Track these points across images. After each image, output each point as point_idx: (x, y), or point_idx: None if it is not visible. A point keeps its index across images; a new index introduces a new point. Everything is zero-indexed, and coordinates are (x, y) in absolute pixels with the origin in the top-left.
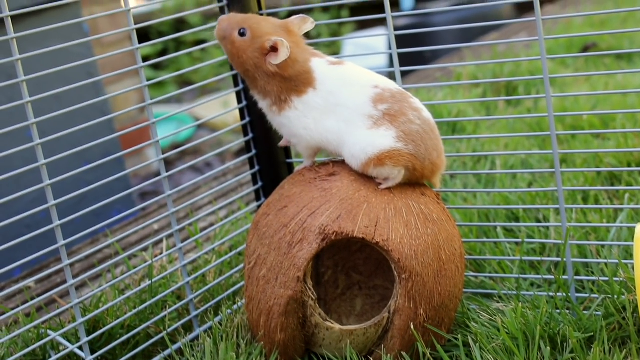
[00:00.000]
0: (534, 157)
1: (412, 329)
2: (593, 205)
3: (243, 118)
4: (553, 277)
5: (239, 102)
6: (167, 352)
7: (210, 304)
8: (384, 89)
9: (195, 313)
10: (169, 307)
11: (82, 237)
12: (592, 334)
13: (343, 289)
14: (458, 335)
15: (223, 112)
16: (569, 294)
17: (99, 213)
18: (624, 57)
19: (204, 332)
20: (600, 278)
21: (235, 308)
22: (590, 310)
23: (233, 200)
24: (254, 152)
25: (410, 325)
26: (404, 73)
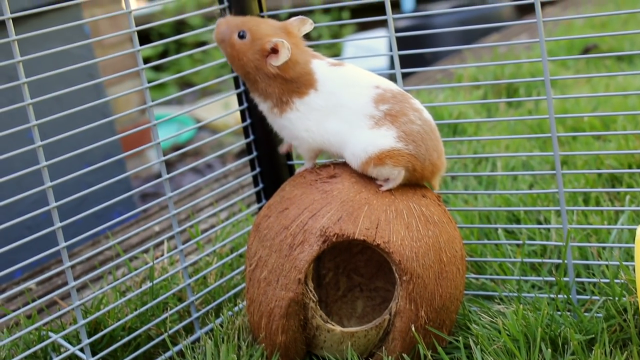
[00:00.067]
0: (535, 158)
1: (413, 331)
2: (594, 207)
3: (244, 120)
4: (554, 279)
5: (240, 103)
6: (168, 354)
7: (211, 306)
8: (386, 90)
9: (196, 315)
10: (170, 309)
11: (83, 239)
12: (593, 336)
13: (344, 291)
14: (459, 337)
15: (224, 114)
16: (570, 296)
17: (100, 215)
18: (625, 58)
19: (205, 334)
20: (601, 280)
21: (236, 310)
22: (591, 312)
23: (234, 202)
24: (255, 154)
25: (411, 327)
26: (405, 75)
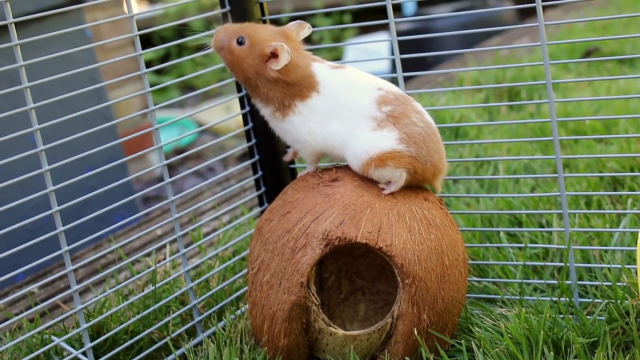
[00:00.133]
0: (537, 162)
1: (415, 334)
2: (596, 210)
3: (246, 123)
4: (556, 282)
5: (242, 107)
6: (170, 357)
7: (214, 309)
8: (388, 92)
9: (199, 318)
10: (173, 312)
11: (85, 242)
12: (595, 339)
13: (346, 294)
14: (461, 341)
15: (226, 117)
16: (572, 299)
17: (102, 218)
18: (626, 61)
19: (208, 337)
20: (604, 283)
21: (239, 313)
22: (594, 315)
23: (236, 206)
24: (257, 157)
25: (414, 331)
26: (407, 78)
